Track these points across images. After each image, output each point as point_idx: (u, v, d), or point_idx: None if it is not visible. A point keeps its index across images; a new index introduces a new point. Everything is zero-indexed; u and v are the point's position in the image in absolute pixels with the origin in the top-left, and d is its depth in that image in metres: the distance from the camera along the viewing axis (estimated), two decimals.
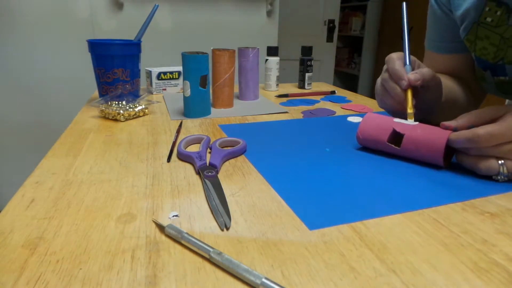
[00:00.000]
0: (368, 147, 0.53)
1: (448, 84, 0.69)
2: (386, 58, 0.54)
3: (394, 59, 0.53)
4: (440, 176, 0.45)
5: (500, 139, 0.40)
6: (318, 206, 0.37)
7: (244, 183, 0.42)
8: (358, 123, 0.69)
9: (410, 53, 0.54)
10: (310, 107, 0.82)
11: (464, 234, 0.33)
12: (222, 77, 0.76)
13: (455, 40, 0.66)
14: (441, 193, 0.40)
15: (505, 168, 0.41)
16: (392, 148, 0.49)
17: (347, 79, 4.05)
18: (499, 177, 0.42)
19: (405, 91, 0.51)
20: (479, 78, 0.67)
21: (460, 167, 0.46)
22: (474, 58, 0.63)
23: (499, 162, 0.41)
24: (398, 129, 0.48)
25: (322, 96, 0.96)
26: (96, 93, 0.91)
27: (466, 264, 0.29)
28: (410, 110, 0.50)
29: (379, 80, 0.56)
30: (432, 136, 0.45)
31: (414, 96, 0.52)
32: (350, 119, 0.72)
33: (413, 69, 0.53)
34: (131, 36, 0.83)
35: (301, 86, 1.05)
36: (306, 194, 0.40)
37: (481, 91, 0.71)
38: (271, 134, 0.61)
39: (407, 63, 0.53)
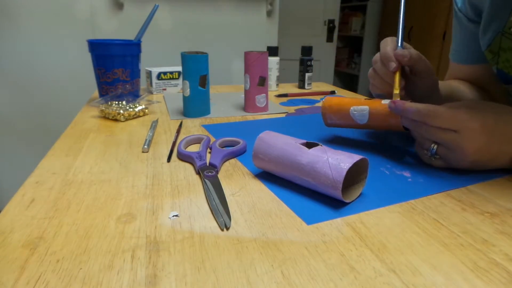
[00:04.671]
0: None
1: (460, 87, 0.67)
2: (382, 41, 0.55)
3: (388, 42, 0.54)
4: (421, 169, 0.47)
5: (445, 123, 0.41)
6: (313, 202, 0.38)
7: (244, 183, 0.42)
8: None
9: (403, 38, 0.54)
10: (308, 107, 0.82)
11: (464, 234, 0.33)
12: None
13: (477, 50, 0.64)
14: (425, 184, 0.42)
15: (435, 147, 0.43)
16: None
17: (347, 79, 4.05)
18: (427, 153, 0.45)
19: (394, 72, 0.52)
20: (506, 93, 0.64)
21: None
22: (496, 71, 0.60)
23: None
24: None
25: (322, 96, 0.96)
26: (96, 93, 0.91)
27: (466, 264, 0.29)
28: (396, 90, 0.51)
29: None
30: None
31: (403, 79, 0.53)
32: None
33: None
34: (131, 36, 0.83)
35: (301, 86, 1.05)
36: (301, 191, 0.40)
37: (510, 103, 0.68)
38: (255, 133, 0.61)
39: (399, 45, 0.53)
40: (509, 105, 0.67)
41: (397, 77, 0.52)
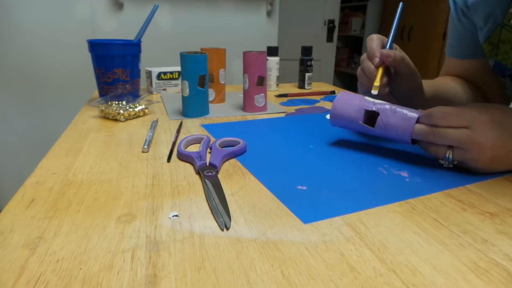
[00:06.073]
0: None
1: (451, 84, 0.68)
2: (368, 37, 0.56)
3: (374, 39, 0.54)
4: (419, 169, 0.47)
5: (454, 121, 0.42)
6: (312, 201, 0.38)
7: (244, 183, 0.42)
8: None
9: (393, 40, 0.55)
10: (308, 107, 0.82)
11: (464, 234, 0.33)
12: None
13: (472, 45, 0.65)
14: (423, 184, 0.42)
15: (451, 153, 0.43)
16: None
17: (347, 79, 4.05)
18: (443, 162, 0.44)
19: (377, 68, 0.52)
20: (501, 86, 0.65)
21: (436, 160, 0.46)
22: (493, 63, 0.61)
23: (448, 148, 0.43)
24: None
25: (322, 96, 0.96)
26: (96, 93, 0.91)
27: (466, 264, 0.29)
28: (376, 83, 0.51)
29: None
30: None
31: (387, 79, 0.53)
32: (328, 116, 0.73)
33: None
34: (131, 36, 0.83)
35: (301, 86, 1.05)
36: (299, 191, 0.40)
37: (503, 98, 0.69)
38: (254, 133, 0.61)
39: (388, 46, 0.54)
40: (503, 99, 0.68)
41: (379, 71, 0.52)
